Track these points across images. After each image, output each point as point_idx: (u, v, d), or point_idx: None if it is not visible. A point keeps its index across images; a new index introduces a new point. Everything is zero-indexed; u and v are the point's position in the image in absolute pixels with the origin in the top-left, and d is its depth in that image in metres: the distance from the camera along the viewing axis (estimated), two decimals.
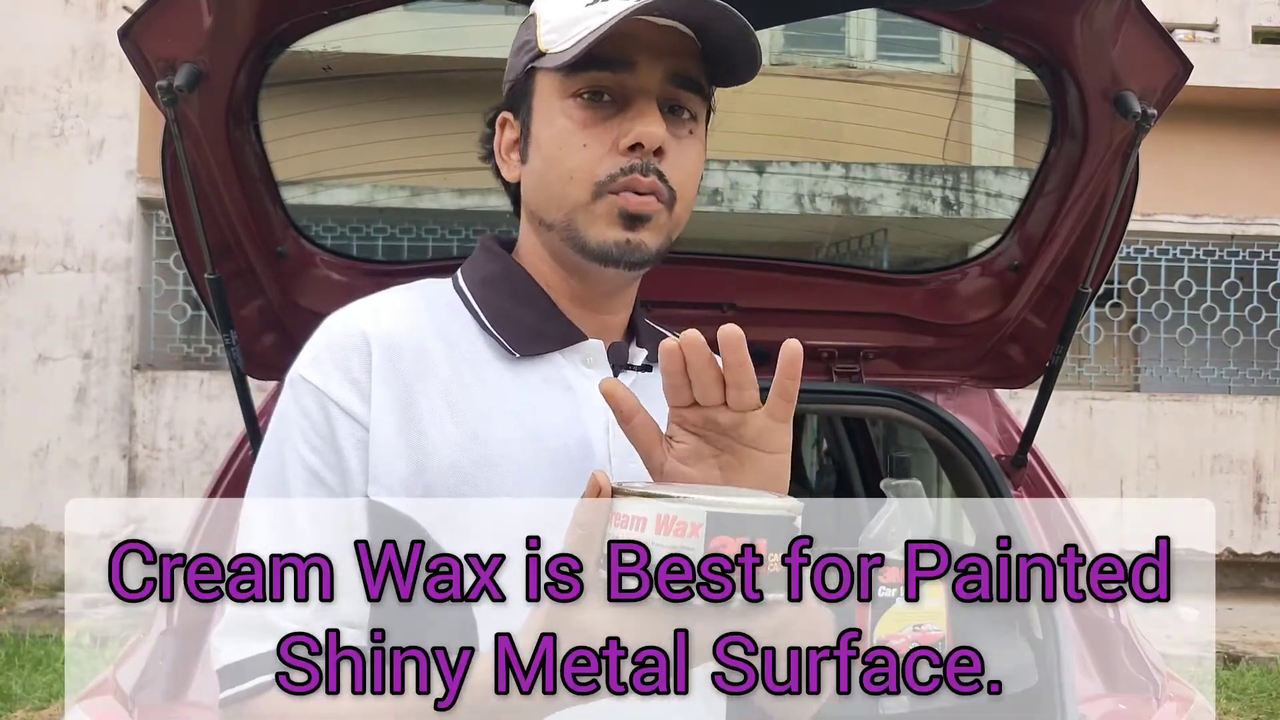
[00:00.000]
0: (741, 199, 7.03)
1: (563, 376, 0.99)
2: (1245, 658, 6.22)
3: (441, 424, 0.93)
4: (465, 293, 1.02)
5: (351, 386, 0.93)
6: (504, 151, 1.04)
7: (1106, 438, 7.98)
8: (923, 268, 2.32)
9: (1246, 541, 8.05)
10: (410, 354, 0.95)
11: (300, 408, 0.94)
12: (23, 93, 7.76)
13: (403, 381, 0.94)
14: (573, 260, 0.99)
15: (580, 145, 0.95)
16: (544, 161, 0.98)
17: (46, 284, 7.71)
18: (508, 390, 0.97)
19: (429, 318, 0.99)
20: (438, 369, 0.95)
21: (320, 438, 0.93)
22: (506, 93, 1.03)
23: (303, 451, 0.93)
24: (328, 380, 0.94)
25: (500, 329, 0.99)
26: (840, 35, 7.65)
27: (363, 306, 0.99)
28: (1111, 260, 1.79)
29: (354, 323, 0.97)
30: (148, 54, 1.47)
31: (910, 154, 6.74)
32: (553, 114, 0.96)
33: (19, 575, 7.47)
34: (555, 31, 0.95)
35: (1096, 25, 1.49)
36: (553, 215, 0.98)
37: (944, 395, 2.04)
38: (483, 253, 1.07)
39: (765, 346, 1.01)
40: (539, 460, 0.94)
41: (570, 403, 0.98)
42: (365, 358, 0.94)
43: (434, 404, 0.94)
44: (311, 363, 0.96)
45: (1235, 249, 8.25)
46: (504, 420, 0.95)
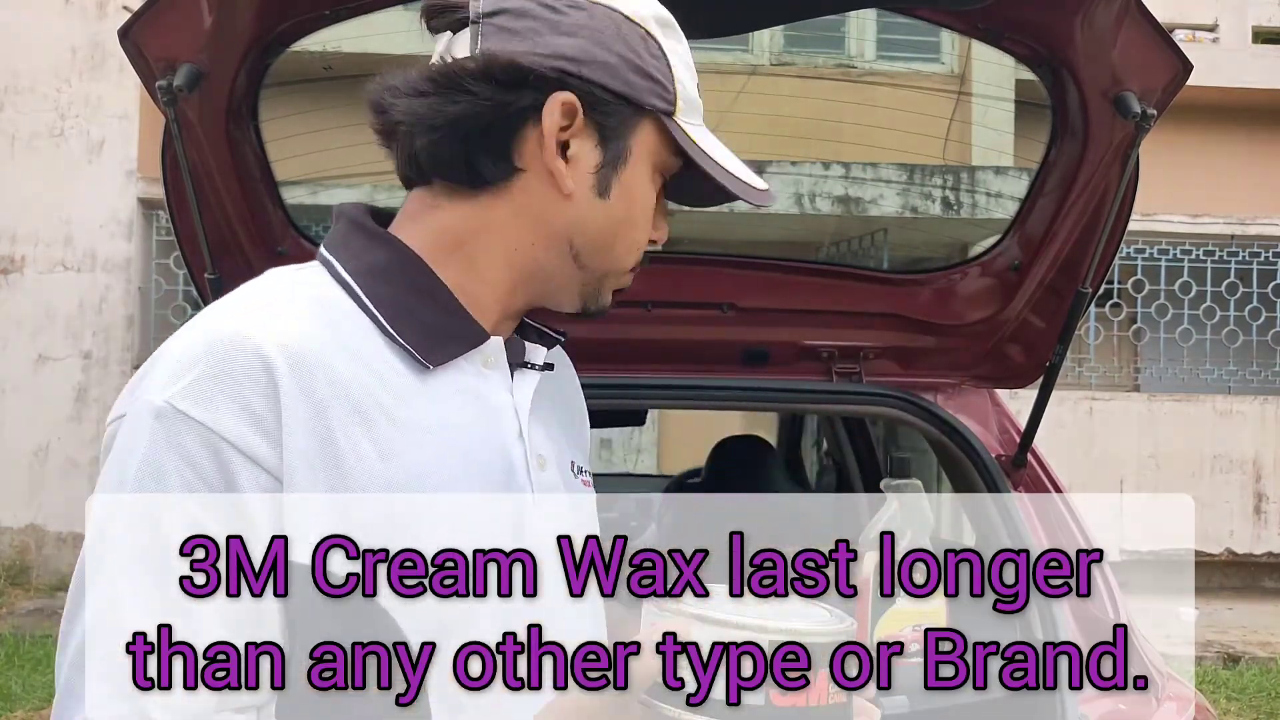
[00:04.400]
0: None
1: (469, 383, 0.89)
2: (1245, 658, 6.22)
3: (365, 459, 0.79)
4: (353, 287, 0.86)
5: (252, 424, 0.76)
6: (549, 138, 0.87)
7: (1106, 438, 7.98)
8: (923, 268, 2.32)
9: (1246, 541, 8.05)
10: (320, 374, 0.79)
11: (180, 452, 0.75)
12: (23, 93, 7.76)
13: (316, 412, 0.78)
14: (565, 295, 0.94)
15: (650, 224, 0.95)
16: (628, 218, 0.92)
17: (47, 284, 7.71)
18: (424, 407, 0.85)
19: (324, 322, 0.83)
20: (349, 389, 0.81)
21: (213, 491, 0.75)
22: (579, 79, 0.87)
23: (190, 510, 0.75)
24: (217, 415, 0.76)
25: (405, 334, 0.85)
26: (840, 35, 7.65)
27: (245, 312, 0.82)
28: (1111, 260, 1.79)
29: (244, 337, 0.78)
30: (148, 54, 1.47)
31: (910, 154, 6.74)
32: (648, 177, 0.92)
33: (19, 575, 7.47)
34: (685, 101, 0.92)
35: (1096, 25, 1.49)
36: (596, 262, 0.93)
37: (944, 395, 2.04)
38: (359, 233, 0.90)
39: (765, 346, 1.01)
40: (471, 484, 0.85)
41: (483, 412, 0.89)
42: (267, 385, 0.77)
43: (353, 435, 0.79)
44: (190, 391, 0.76)
45: (1235, 249, 8.25)
46: (429, 444, 0.84)
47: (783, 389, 2.00)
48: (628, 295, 1.02)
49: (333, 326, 0.83)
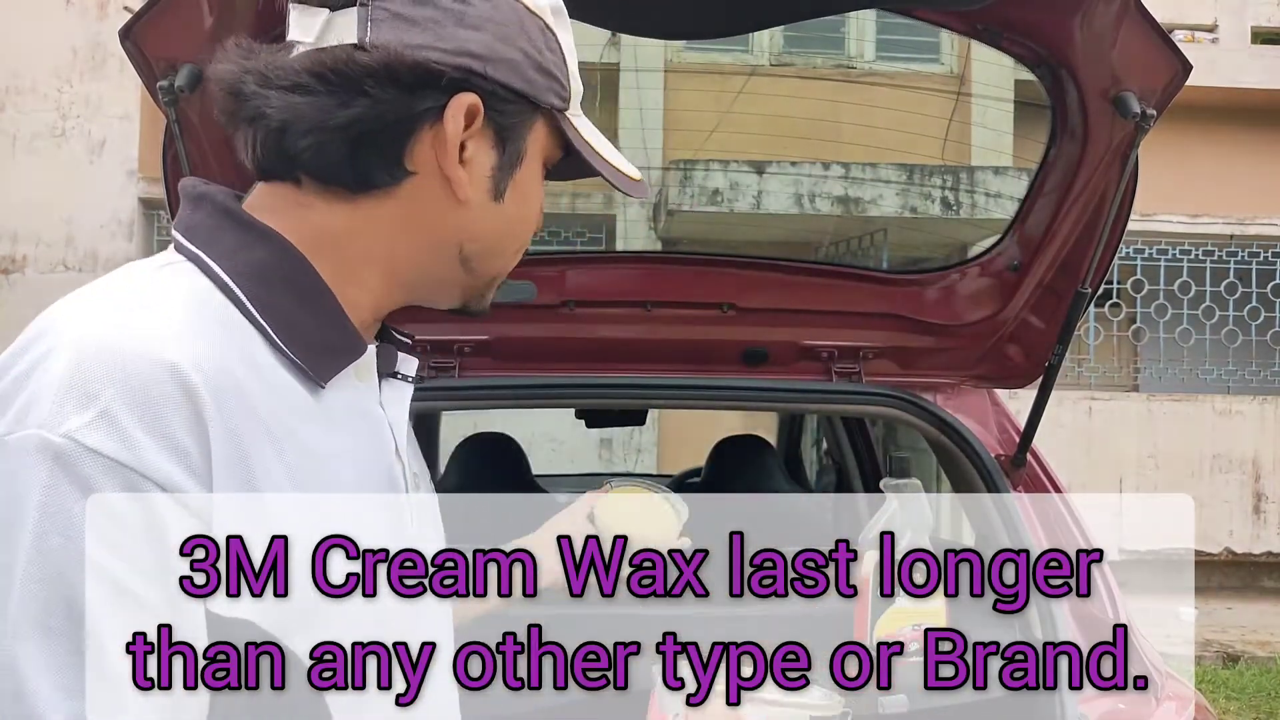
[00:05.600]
0: (741, 199, 7.03)
1: (353, 399, 0.82)
2: (1244, 657, 6.22)
3: (279, 488, 0.71)
4: (235, 291, 0.75)
5: (180, 462, 0.65)
6: (452, 147, 0.79)
7: (1106, 437, 7.99)
8: (922, 268, 2.32)
9: (1246, 541, 8.05)
10: (234, 398, 0.69)
11: (95, 502, 0.62)
12: (24, 93, 7.77)
13: (236, 443, 0.68)
14: (446, 296, 0.88)
15: (540, 217, 0.90)
16: (520, 219, 0.86)
17: (47, 284, 7.72)
18: (322, 429, 0.77)
19: (222, 333, 0.72)
20: (258, 411, 0.71)
21: (139, 545, 0.63)
22: (481, 78, 0.79)
23: (114, 571, 0.62)
24: (137, 450, 0.63)
25: (295, 348, 0.76)
26: (840, 35, 7.66)
27: (139, 322, 0.69)
28: (1111, 260, 1.79)
29: (155, 355, 0.66)
30: (149, 54, 1.47)
31: (910, 154, 6.74)
32: (537, 176, 0.87)
33: None
34: (576, 98, 0.87)
35: (1096, 25, 1.49)
36: (486, 265, 0.86)
37: (943, 395, 2.04)
38: (232, 224, 0.78)
39: (765, 346, 1.01)
40: (371, 507, 0.79)
41: (368, 430, 0.83)
42: (191, 415, 0.66)
43: (267, 462, 0.70)
44: (95, 421, 0.63)
45: (1234, 249, 8.26)
46: (333, 469, 0.76)
47: (783, 389, 2.00)
48: (628, 296, 1.02)
49: (228, 334, 0.73)
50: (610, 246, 7.48)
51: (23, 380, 0.66)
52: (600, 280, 2.00)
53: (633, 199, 0.93)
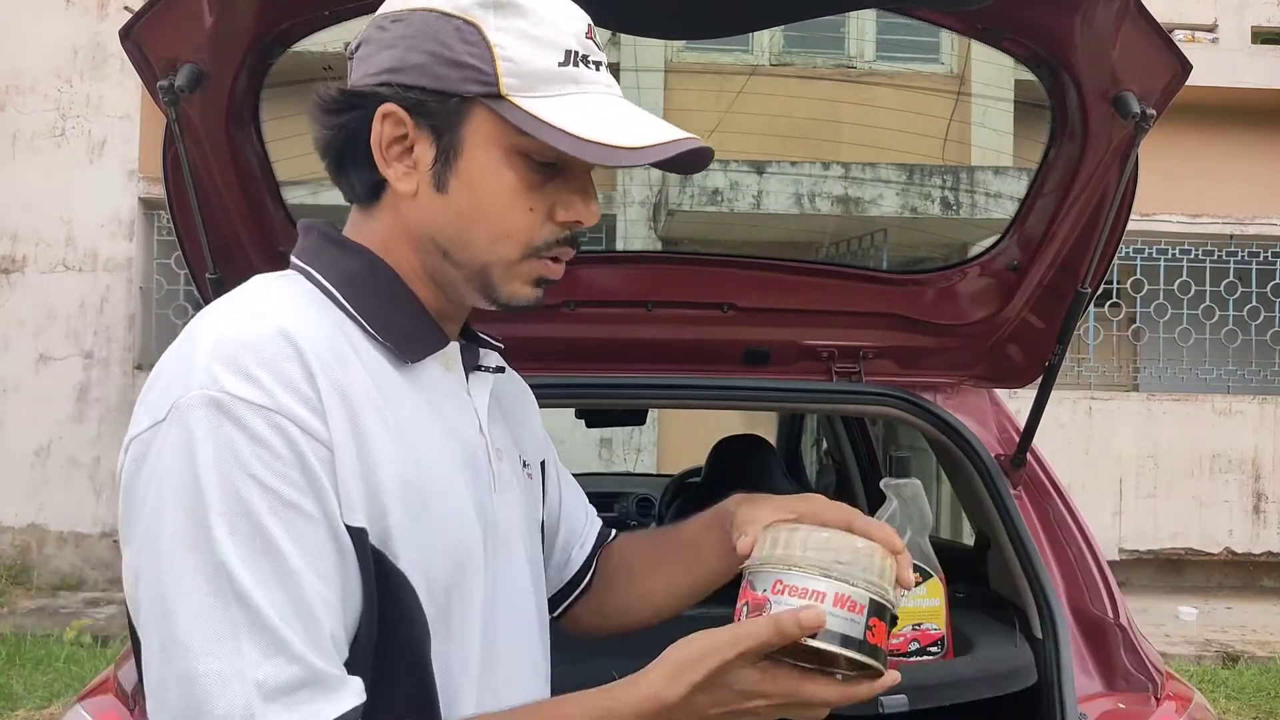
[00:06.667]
0: (741, 199, 7.03)
1: (437, 381, 0.97)
2: (1244, 657, 6.22)
3: (379, 440, 0.86)
4: (333, 293, 0.93)
5: (303, 402, 0.83)
6: (386, 149, 0.93)
7: (1105, 437, 7.99)
8: (922, 268, 2.32)
9: (1245, 541, 8.05)
10: (334, 362, 0.86)
11: (251, 434, 0.80)
12: (24, 92, 7.77)
13: (340, 393, 0.85)
14: (460, 291, 0.97)
15: (525, 209, 0.93)
16: (475, 208, 0.92)
17: (48, 283, 7.72)
18: (410, 398, 0.92)
19: (325, 319, 0.91)
20: (358, 378, 0.88)
21: (288, 465, 0.81)
22: (398, 88, 0.91)
23: (274, 485, 0.80)
24: (274, 396, 0.81)
25: (385, 335, 0.93)
26: (840, 35, 7.66)
27: (259, 311, 0.87)
28: (1110, 260, 1.79)
29: (273, 329, 0.85)
30: (149, 54, 1.47)
31: (910, 154, 6.74)
32: (495, 163, 0.92)
33: (20, 574, 7.48)
34: (518, 78, 0.90)
35: (1096, 26, 1.49)
36: (464, 256, 0.94)
37: (943, 395, 2.04)
38: (330, 245, 0.97)
39: (765, 346, 1.01)
40: (455, 469, 0.94)
41: (451, 406, 0.98)
42: (302, 366, 0.84)
43: (368, 418, 0.86)
44: (240, 378, 0.81)
45: (1234, 249, 8.26)
46: (422, 430, 0.92)
47: (783, 389, 2.00)
48: (629, 295, 1.03)
49: (331, 323, 0.90)
50: (610, 246, 7.48)
51: (181, 364, 0.84)
52: (600, 280, 2.00)
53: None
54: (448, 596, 0.90)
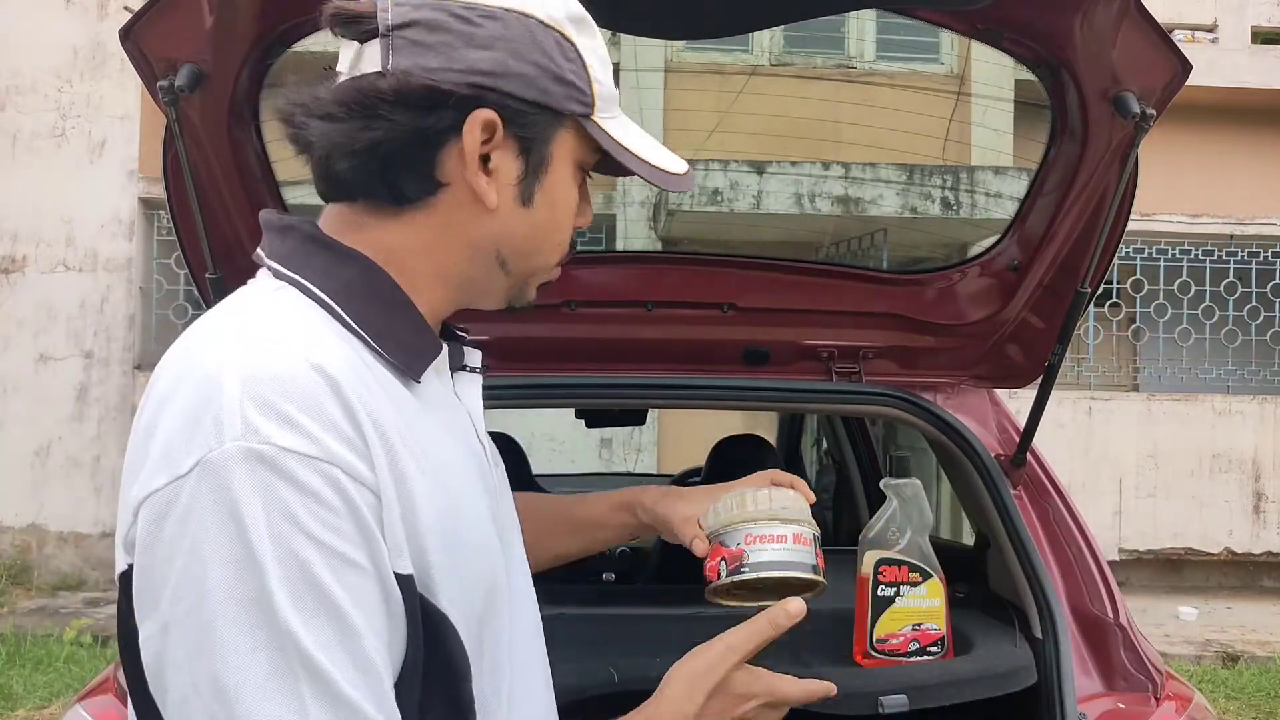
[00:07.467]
0: (741, 199, 7.03)
1: (438, 392, 0.92)
2: (1244, 657, 6.22)
3: (414, 476, 0.80)
4: (334, 308, 0.85)
5: (348, 445, 0.76)
6: (470, 158, 0.86)
7: (1105, 437, 7.99)
8: (922, 268, 2.32)
9: (1245, 541, 8.05)
10: (365, 393, 0.79)
11: (300, 489, 0.73)
12: (24, 92, 7.77)
13: (379, 429, 0.79)
14: (493, 296, 0.96)
15: (574, 218, 0.96)
16: (552, 221, 0.93)
17: (48, 283, 7.72)
18: (425, 422, 0.86)
19: (338, 341, 0.83)
20: (385, 407, 0.81)
21: (341, 518, 0.74)
22: (503, 95, 0.86)
23: (329, 541, 0.74)
24: (321, 444, 0.74)
25: (393, 353, 0.86)
26: (840, 35, 7.66)
27: (273, 332, 0.80)
28: (1110, 260, 1.79)
29: (295, 357, 0.77)
30: (149, 54, 1.47)
31: (910, 154, 6.74)
32: (568, 178, 0.93)
33: (20, 574, 7.48)
34: (602, 100, 0.91)
35: (1096, 26, 1.49)
36: (522, 265, 0.93)
37: (944, 395, 2.04)
38: (319, 249, 0.88)
39: (765, 346, 1.02)
40: (475, 492, 0.90)
41: (454, 418, 0.93)
42: (342, 404, 0.77)
43: (402, 453, 0.80)
44: (282, 426, 0.74)
45: (1234, 249, 8.26)
46: (445, 458, 0.86)
47: (783, 389, 2.00)
48: (629, 295, 1.03)
49: (345, 344, 0.83)
50: (610, 246, 7.48)
51: (201, 408, 0.75)
52: (601, 280, 2.00)
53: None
54: (480, 626, 0.87)
